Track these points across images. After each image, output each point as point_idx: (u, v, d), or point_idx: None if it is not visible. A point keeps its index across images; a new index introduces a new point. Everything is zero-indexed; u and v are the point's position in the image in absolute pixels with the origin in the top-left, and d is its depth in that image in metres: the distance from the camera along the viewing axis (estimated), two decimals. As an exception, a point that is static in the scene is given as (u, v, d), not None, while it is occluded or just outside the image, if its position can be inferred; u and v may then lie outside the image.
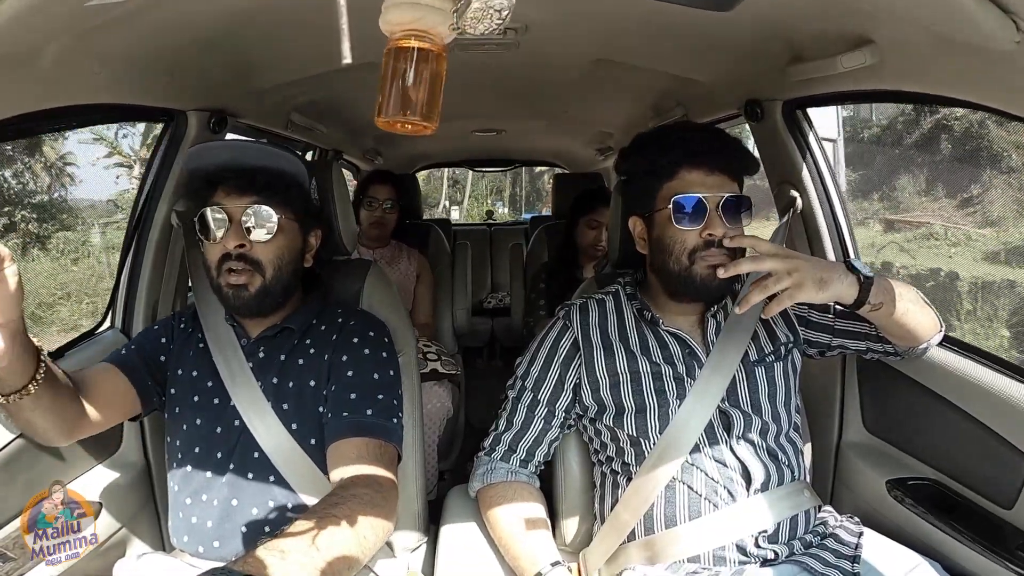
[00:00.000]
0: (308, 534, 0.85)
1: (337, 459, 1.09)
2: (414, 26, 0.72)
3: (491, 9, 0.67)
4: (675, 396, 1.17)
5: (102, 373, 1.16)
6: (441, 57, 0.75)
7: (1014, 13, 0.79)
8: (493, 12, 0.68)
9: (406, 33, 0.73)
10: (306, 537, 0.84)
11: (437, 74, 0.75)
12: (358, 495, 0.99)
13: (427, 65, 0.74)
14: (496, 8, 0.67)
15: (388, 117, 0.75)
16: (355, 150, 3.34)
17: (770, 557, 1.13)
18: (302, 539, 0.84)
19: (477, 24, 0.69)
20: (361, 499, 0.98)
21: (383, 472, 1.07)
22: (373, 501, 0.99)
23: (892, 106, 11.79)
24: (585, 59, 1.69)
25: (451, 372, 2.36)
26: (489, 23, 0.69)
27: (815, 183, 1.53)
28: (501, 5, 0.67)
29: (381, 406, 1.14)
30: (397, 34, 0.73)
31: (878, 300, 1.08)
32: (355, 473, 1.05)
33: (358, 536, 0.92)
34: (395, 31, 0.73)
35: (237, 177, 1.14)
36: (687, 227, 1.13)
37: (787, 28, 1.19)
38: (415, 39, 0.73)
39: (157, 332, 1.27)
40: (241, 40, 1.30)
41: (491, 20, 0.68)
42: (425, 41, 0.73)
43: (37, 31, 0.89)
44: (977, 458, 1.18)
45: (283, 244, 1.16)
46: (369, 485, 1.02)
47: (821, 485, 1.50)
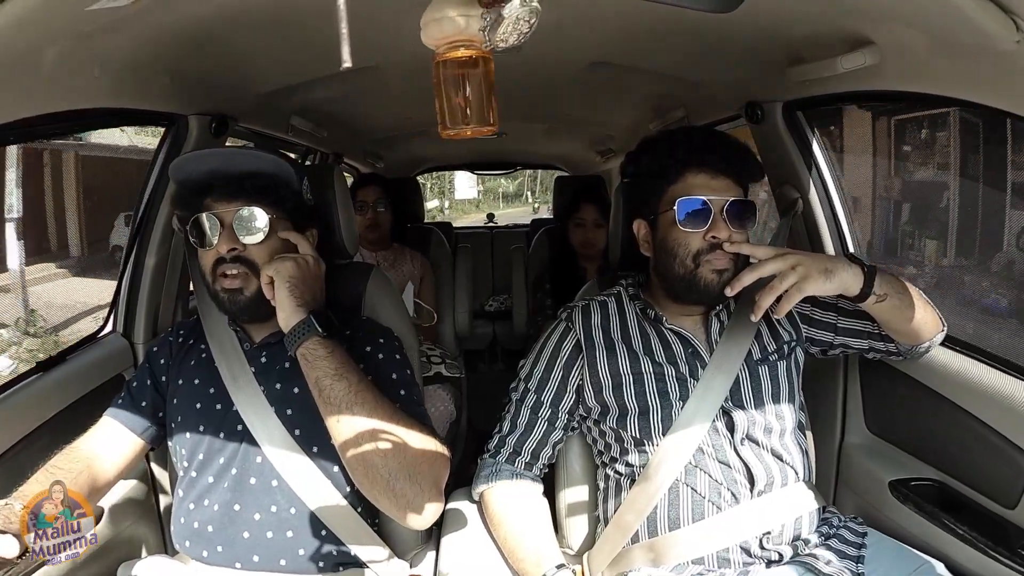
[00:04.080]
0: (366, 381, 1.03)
1: None
2: (456, 37, 0.74)
3: (521, 21, 0.69)
4: (678, 397, 1.17)
5: (106, 439, 1.18)
6: (488, 60, 0.77)
7: (1014, 13, 0.79)
8: (523, 23, 0.70)
9: (450, 44, 0.75)
10: (366, 380, 1.04)
11: (487, 75, 0.77)
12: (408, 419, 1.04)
13: (476, 70, 0.76)
14: (525, 19, 0.69)
15: (451, 129, 0.78)
16: (356, 154, 3.35)
17: (774, 558, 1.12)
18: (362, 376, 1.04)
19: (508, 37, 0.70)
20: (413, 425, 1.03)
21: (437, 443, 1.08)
22: (427, 439, 1.03)
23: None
24: (585, 61, 1.69)
25: (454, 375, 2.36)
26: (519, 35, 0.70)
27: (815, 184, 1.53)
28: (529, 16, 0.68)
29: (406, 400, 1.14)
30: (442, 47, 0.75)
31: (883, 291, 1.09)
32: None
33: (401, 443, 0.99)
34: (439, 44, 0.75)
35: (225, 183, 1.14)
36: (691, 230, 1.14)
37: (787, 30, 1.19)
38: (461, 49, 0.75)
39: (156, 354, 1.28)
40: (242, 44, 1.30)
41: (521, 31, 0.70)
42: (470, 48, 0.75)
43: (38, 35, 0.90)
44: (980, 458, 1.18)
45: (276, 244, 1.15)
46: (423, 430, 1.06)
47: (824, 486, 1.50)
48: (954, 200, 3.69)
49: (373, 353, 1.19)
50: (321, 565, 1.14)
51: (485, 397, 2.58)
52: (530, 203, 20.51)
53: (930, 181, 3.88)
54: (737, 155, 1.19)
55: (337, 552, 1.14)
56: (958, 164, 3.50)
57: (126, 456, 1.18)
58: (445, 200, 20.24)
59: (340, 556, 1.15)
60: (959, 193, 3.62)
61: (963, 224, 3.62)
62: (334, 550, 1.14)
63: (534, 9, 0.68)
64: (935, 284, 3.73)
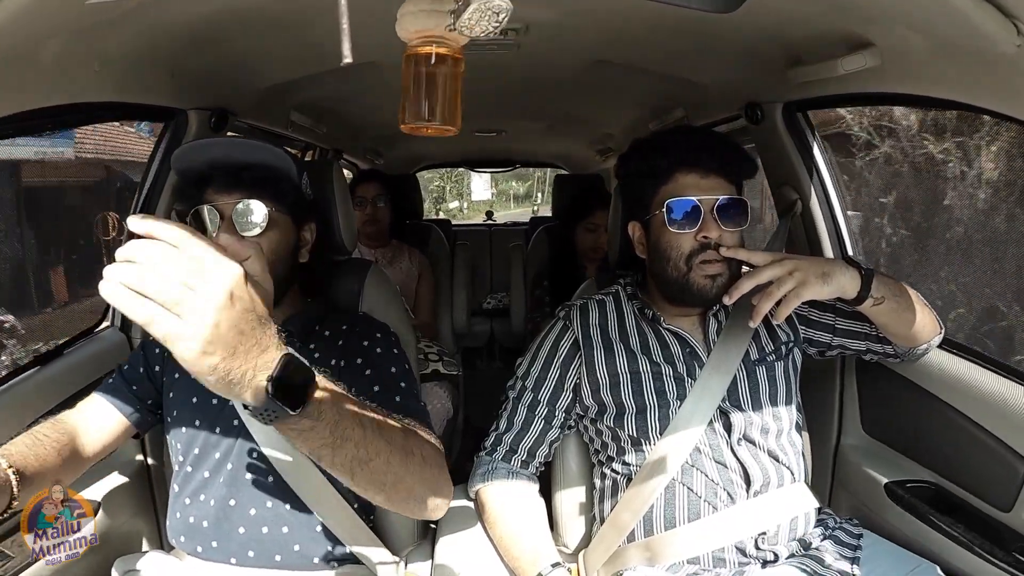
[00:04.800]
0: (360, 403, 0.80)
1: None
2: (430, 32, 0.73)
3: (489, 11, 0.67)
4: (675, 396, 1.17)
5: (92, 414, 1.17)
6: (458, 60, 0.76)
7: (1014, 16, 0.79)
8: (491, 14, 0.68)
9: (423, 39, 0.74)
10: (359, 402, 0.80)
11: (455, 77, 0.76)
12: (413, 432, 0.92)
13: (445, 69, 0.75)
14: (494, 10, 0.67)
15: (410, 123, 0.77)
16: (355, 149, 3.35)
17: (770, 559, 1.13)
18: (354, 399, 0.79)
19: (474, 26, 0.69)
20: (414, 434, 0.91)
21: (433, 440, 0.99)
22: (427, 446, 0.93)
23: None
24: (585, 60, 1.69)
25: (452, 373, 2.36)
26: (486, 25, 0.69)
27: (815, 185, 1.53)
28: (499, 7, 0.67)
29: (406, 393, 1.13)
30: (414, 40, 0.74)
31: (880, 294, 1.09)
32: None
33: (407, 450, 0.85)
34: (412, 38, 0.74)
35: (224, 174, 1.13)
36: (682, 231, 1.13)
37: (787, 31, 1.19)
38: (433, 45, 0.74)
39: (152, 343, 1.27)
40: (242, 39, 1.30)
41: (488, 22, 0.68)
42: (442, 46, 0.74)
43: (38, 29, 0.89)
44: (975, 461, 1.18)
45: (276, 237, 1.15)
46: (420, 437, 0.95)
47: (820, 487, 1.50)
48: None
49: (371, 347, 1.19)
50: (316, 561, 1.14)
51: (483, 394, 2.59)
52: (538, 203, 21.08)
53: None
54: (728, 153, 1.18)
55: (332, 548, 1.14)
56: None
57: (111, 434, 1.16)
58: (464, 201, 21.29)
59: (335, 552, 1.15)
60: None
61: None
62: (329, 546, 1.14)
63: (505, 7, 0.67)
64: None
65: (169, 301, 0.56)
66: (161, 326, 0.56)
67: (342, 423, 0.73)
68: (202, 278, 0.58)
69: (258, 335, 0.62)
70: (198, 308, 0.57)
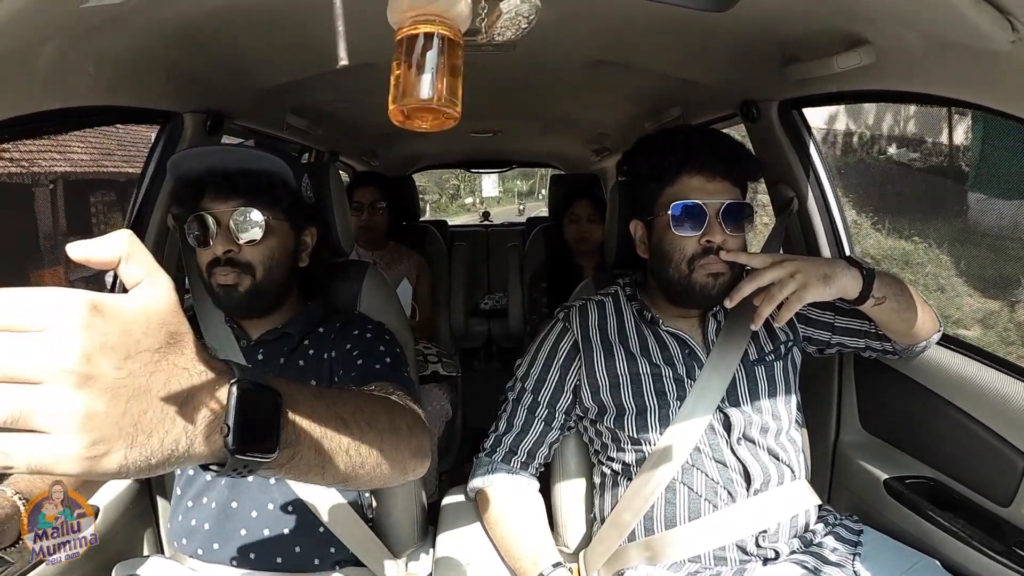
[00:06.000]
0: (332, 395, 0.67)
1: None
2: (426, 10, 0.66)
3: (520, 16, 0.67)
4: (675, 397, 1.17)
5: None
6: (456, 44, 0.67)
7: (1010, 13, 0.79)
8: (521, 18, 0.67)
9: (416, 19, 0.66)
10: (331, 394, 0.67)
11: (455, 59, 0.67)
12: (391, 401, 0.81)
13: (445, 49, 0.66)
14: (524, 15, 0.67)
15: (401, 103, 0.66)
16: (351, 151, 3.34)
17: (771, 556, 1.13)
18: (325, 393, 0.66)
19: (505, 31, 0.68)
20: (394, 404, 0.80)
21: (410, 404, 0.87)
22: (407, 414, 0.81)
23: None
24: (581, 60, 1.69)
25: (450, 374, 2.36)
26: (516, 29, 0.68)
27: (811, 183, 1.53)
28: (529, 11, 0.66)
29: (389, 362, 1.12)
30: (407, 22, 0.67)
31: (881, 294, 1.09)
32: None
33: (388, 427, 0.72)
34: (404, 21, 0.67)
35: (221, 181, 1.13)
36: (686, 233, 1.13)
37: (783, 29, 1.19)
38: (428, 24, 0.66)
39: None
40: (237, 42, 1.30)
41: (519, 26, 0.68)
42: (439, 26, 0.66)
43: (32, 32, 0.89)
44: (974, 456, 1.18)
45: (273, 244, 1.15)
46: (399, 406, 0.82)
47: (819, 484, 1.50)
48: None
49: (362, 335, 1.19)
50: (317, 563, 1.14)
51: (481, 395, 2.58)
52: (542, 199, 21.82)
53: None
54: (734, 155, 1.18)
55: (334, 550, 1.15)
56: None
57: None
58: (476, 197, 23.31)
59: (337, 554, 1.15)
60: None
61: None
62: (331, 548, 1.14)
63: (534, 6, 0.66)
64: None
65: (10, 419, 0.36)
66: (21, 459, 0.37)
67: (327, 435, 0.59)
68: (35, 356, 0.36)
69: (168, 377, 0.42)
70: (52, 406, 0.37)
